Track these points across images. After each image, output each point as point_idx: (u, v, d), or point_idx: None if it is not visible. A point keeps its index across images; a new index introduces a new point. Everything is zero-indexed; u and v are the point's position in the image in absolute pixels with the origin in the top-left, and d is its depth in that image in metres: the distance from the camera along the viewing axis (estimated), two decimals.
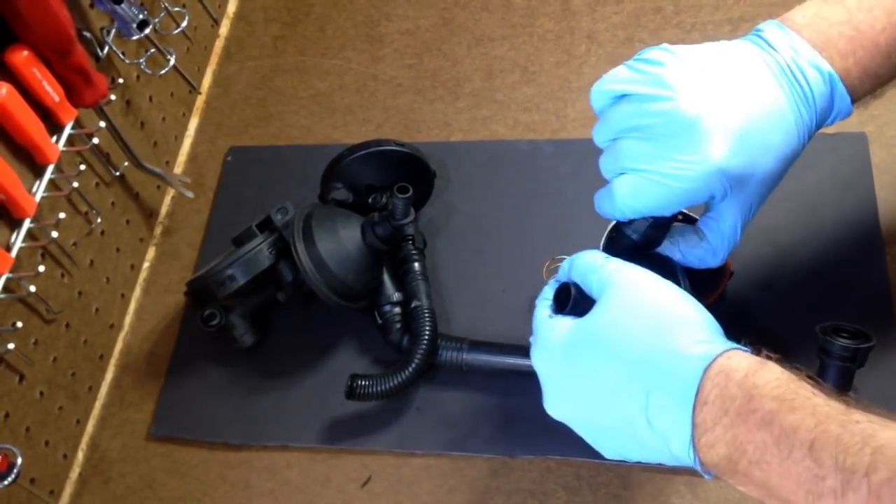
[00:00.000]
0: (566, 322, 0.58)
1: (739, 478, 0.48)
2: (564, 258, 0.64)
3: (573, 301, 0.61)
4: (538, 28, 1.03)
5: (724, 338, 0.52)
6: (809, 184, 0.84)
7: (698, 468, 0.50)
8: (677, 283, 0.62)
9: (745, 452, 0.47)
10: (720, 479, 0.50)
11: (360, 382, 0.77)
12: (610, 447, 0.56)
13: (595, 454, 0.77)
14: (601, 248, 0.66)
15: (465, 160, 0.95)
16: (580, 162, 0.91)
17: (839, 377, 0.69)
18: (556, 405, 0.58)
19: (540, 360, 0.60)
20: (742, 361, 0.49)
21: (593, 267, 0.58)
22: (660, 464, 0.54)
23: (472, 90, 1.00)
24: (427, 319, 0.79)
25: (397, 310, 0.82)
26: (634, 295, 0.55)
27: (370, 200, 0.85)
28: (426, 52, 1.04)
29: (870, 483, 0.41)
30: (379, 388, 0.77)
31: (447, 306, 0.85)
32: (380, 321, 0.82)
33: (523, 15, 1.05)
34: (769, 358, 0.50)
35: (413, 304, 0.80)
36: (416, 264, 0.83)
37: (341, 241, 0.79)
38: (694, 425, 0.49)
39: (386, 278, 0.83)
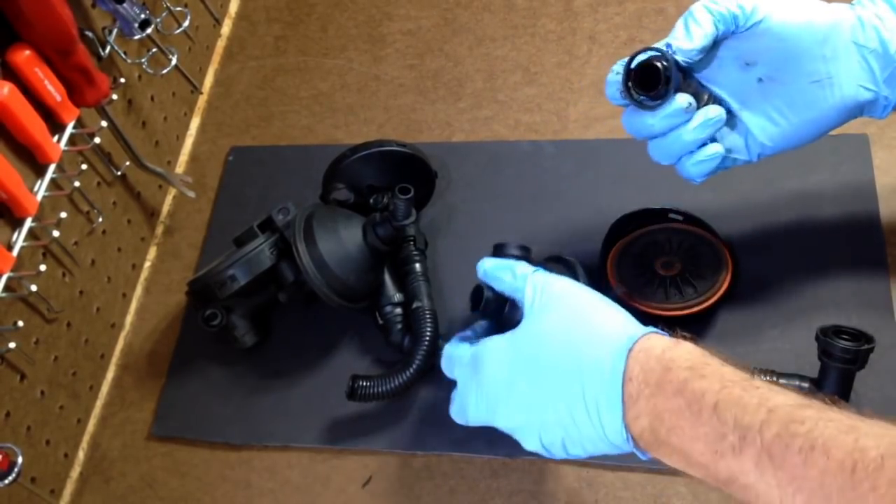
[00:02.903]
0: (499, 341, 0.61)
1: (663, 449, 0.52)
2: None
3: (485, 302, 0.66)
4: (540, 28, 1.03)
5: (643, 326, 0.56)
6: (811, 184, 0.84)
7: (631, 447, 0.54)
8: (576, 278, 0.71)
9: (664, 420, 0.51)
10: (651, 457, 0.54)
11: (361, 383, 0.77)
12: (555, 445, 0.58)
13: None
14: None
15: (466, 161, 0.95)
16: (582, 162, 0.92)
17: (840, 379, 0.69)
18: (504, 417, 0.60)
19: (478, 380, 0.62)
20: (660, 341, 0.54)
21: (519, 275, 0.63)
22: (604, 455, 0.56)
23: (473, 90, 1.00)
24: (428, 320, 0.79)
25: (398, 310, 0.82)
26: (565, 304, 0.59)
27: (371, 201, 0.85)
28: (428, 52, 1.04)
29: (762, 438, 0.45)
30: (380, 389, 0.77)
31: (448, 307, 0.85)
32: (381, 322, 0.82)
33: (525, 15, 1.05)
34: (684, 338, 0.54)
35: (414, 305, 0.80)
36: (418, 265, 0.83)
37: (342, 241, 0.79)
38: (623, 402, 0.53)
39: (387, 279, 0.83)
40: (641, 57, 0.61)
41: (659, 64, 0.60)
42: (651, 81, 0.61)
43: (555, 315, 0.59)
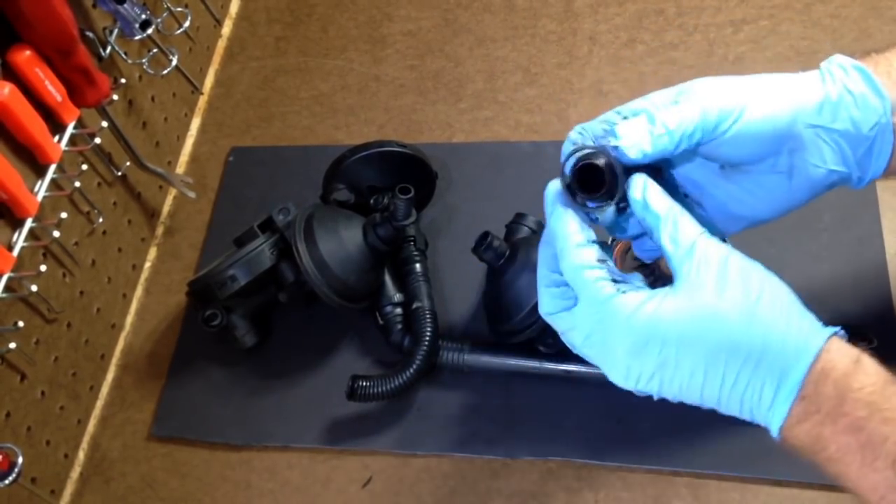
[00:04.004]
0: (654, 303, 0.50)
1: (811, 459, 0.49)
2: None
3: (486, 246, 0.63)
4: (540, 29, 1.03)
5: (819, 322, 0.51)
6: None
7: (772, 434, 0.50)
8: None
9: (827, 449, 0.47)
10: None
11: (361, 383, 0.77)
12: (689, 396, 0.52)
13: (596, 455, 0.77)
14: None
15: (466, 161, 0.95)
16: None
17: None
18: (634, 380, 0.52)
19: (613, 341, 0.51)
20: (840, 358, 0.48)
21: (682, 236, 0.52)
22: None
23: (474, 91, 1.00)
24: (428, 320, 0.79)
25: (399, 311, 0.82)
26: (735, 282, 0.50)
27: (372, 201, 0.85)
28: (428, 53, 1.04)
29: None
30: (380, 389, 0.77)
31: (449, 307, 0.85)
32: (381, 322, 0.82)
33: (525, 16, 1.05)
34: (866, 347, 0.50)
35: (414, 305, 0.80)
36: (418, 265, 0.83)
37: (343, 241, 0.79)
38: (787, 415, 0.49)
39: (387, 279, 0.83)
40: (579, 156, 0.52)
41: (599, 163, 0.52)
42: (593, 183, 0.52)
43: (735, 294, 0.50)
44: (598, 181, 0.52)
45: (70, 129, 0.77)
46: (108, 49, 0.83)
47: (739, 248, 0.76)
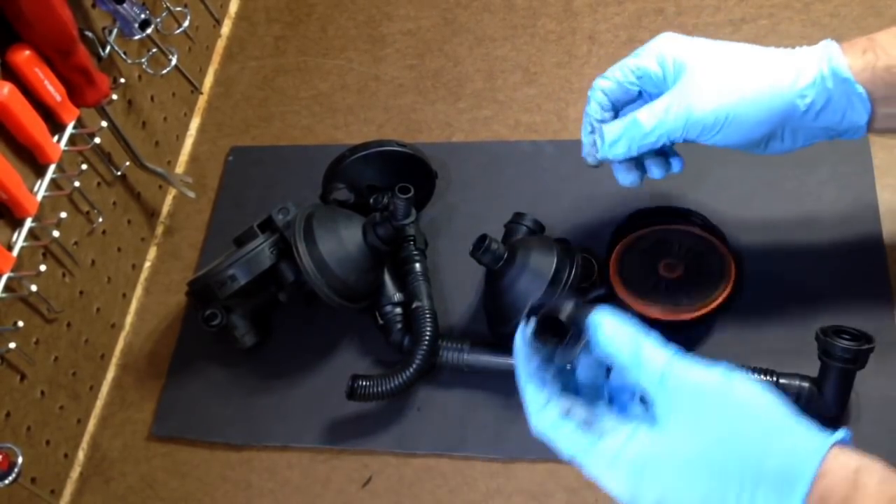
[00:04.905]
0: (635, 446, 0.50)
1: None
2: None
3: (484, 249, 0.72)
4: (540, 29, 1.03)
5: (813, 430, 0.49)
6: (810, 185, 0.84)
7: None
8: (572, 267, 0.75)
9: None
10: None
11: (360, 383, 0.77)
12: None
13: None
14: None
15: (466, 161, 0.95)
16: (581, 163, 0.91)
17: (840, 379, 0.69)
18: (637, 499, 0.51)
19: (613, 470, 0.51)
20: (839, 482, 0.46)
21: (647, 365, 0.51)
22: None
23: (473, 91, 1.00)
24: (428, 320, 0.79)
25: (398, 310, 0.82)
26: (714, 412, 0.49)
27: (371, 201, 0.85)
28: (428, 52, 1.04)
29: None
30: (380, 389, 0.77)
31: (448, 307, 0.85)
32: (381, 322, 0.82)
33: (525, 15, 1.05)
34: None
35: (414, 305, 0.80)
36: (418, 265, 0.83)
37: (343, 241, 0.79)
38: None
39: (387, 279, 0.83)
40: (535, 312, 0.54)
41: (560, 316, 0.53)
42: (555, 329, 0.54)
43: (716, 424, 0.48)
44: (560, 328, 0.53)
45: (69, 129, 0.77)
46: (108, 49, 0.83)
47: (740, 245, 0.76)
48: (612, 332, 0.52)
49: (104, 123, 0.82)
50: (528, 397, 0.54)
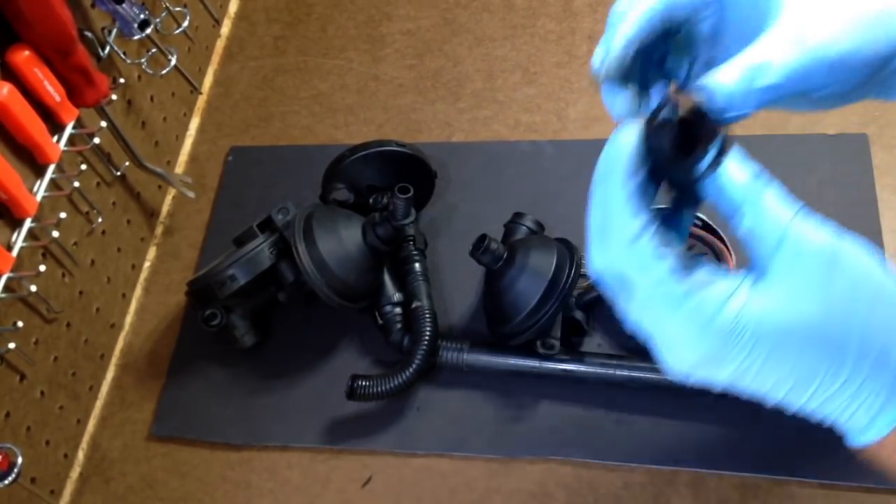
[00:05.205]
0: (738, 301, 0.42)
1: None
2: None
3: (483, 249, 0.70)
4: (539, 28, 1.03)
5: None
6: (810, 185, 0.84)
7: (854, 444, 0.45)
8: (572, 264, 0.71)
9: None
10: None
11: (360, 383, 0.77)
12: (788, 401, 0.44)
13: (596, 455, 0.77)
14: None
15: (466, 161, 0.95)
16: (581, 163, 0.91)
17: None
18: (698, 376, 0.44)
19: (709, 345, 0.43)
20: None
21: (769, 212, 0.44)
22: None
23: (473, 90, 1.00)
24: (428, 320, 0.79)
25: (398, 310, 0.82)
26: (842, 283, 0.42)
27: (371, 201, 0.85)
28: (427, 52, 1.04)
29: None
30: (379, 389, 0.77)
31: (448, 307, 0.85)
32: (381, 322, 0.82)
33: (524, 15, 1.05)
34: None
35: (414, 305, 0.80)
36: (417, 265, 0.83)
37: (342, 241, 0.79)
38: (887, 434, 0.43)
39: (387, 279, 0.83)
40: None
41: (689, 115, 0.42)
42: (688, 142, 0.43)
43: (842, 294, 0.42)
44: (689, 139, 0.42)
45: (69, 129, 0.77)
46: (107, 49, 0.83)
47: (740, 249, 0.75)
48: (731, 166, 0.44)
49: (104, 123, 0.82)
50: (616, 224, 0.43)
